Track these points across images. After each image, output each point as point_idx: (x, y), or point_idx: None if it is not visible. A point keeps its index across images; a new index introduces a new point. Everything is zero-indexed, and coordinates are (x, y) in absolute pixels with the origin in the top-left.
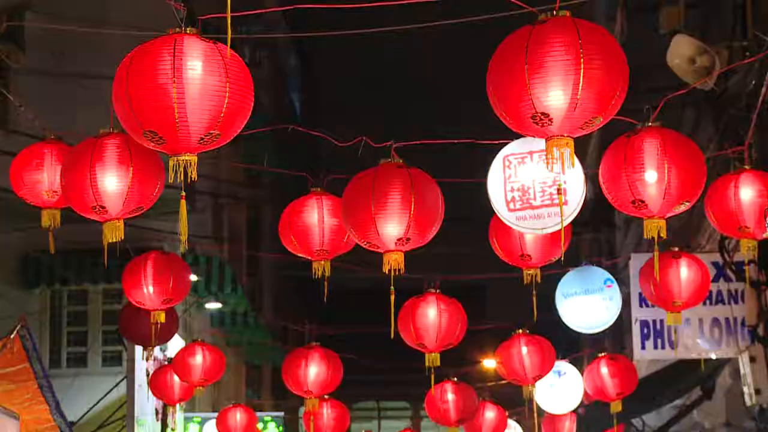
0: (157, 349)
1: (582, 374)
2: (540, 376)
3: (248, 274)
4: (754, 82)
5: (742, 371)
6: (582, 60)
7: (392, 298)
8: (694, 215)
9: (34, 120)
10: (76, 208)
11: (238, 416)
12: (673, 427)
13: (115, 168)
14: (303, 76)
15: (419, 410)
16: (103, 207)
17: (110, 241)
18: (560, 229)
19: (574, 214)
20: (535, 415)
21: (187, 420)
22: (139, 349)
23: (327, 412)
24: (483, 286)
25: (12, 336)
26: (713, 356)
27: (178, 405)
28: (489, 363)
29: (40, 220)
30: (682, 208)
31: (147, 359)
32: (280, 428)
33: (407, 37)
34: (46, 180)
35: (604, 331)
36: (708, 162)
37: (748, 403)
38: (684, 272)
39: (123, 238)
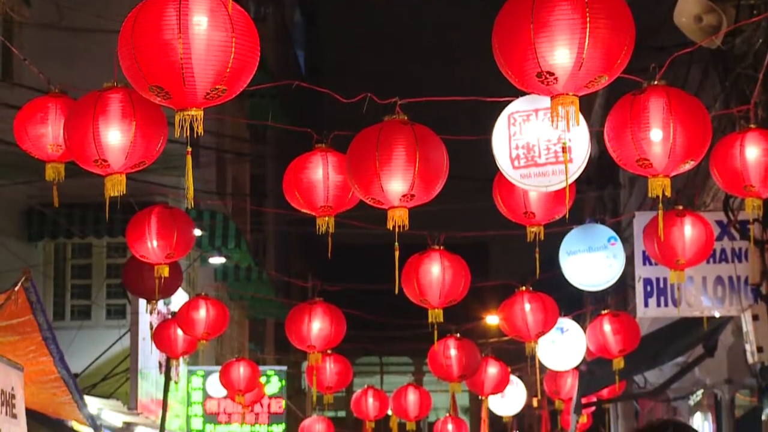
0: (160, 303)
1: (584, 331)
2: (542, 333)
3: (252, 230)
4: (761, 41)
5: (744, 329)
6: (588, 19)
7: (396, 254)
8: (699, 174)
9: (39, 73)
10: (78, 161)
11: (241, 370)
12: (675, 385)
13: (117, 122)
14: (308, 33)
15: (422, 366)
16: (105, 161)
17: (112, 194)
18: (564, 187)
19: (579, 172)
20: (538, 371)
21: (190, 373)
22: (142, 303)
23: (330, 367)
24: (486, 243)
25: (16, 289)
26: (716, 314)
27: (181, 358)
28: (492, 319)
29: (44, 173)
30: (687, 166)
31: (150, 313)
32: (283, 382)
33: None
34: (50, 133)
35: (607, 289)
36: (713, 121)
37: (750, 361)
38: (688, 230)
39: (125, 192)
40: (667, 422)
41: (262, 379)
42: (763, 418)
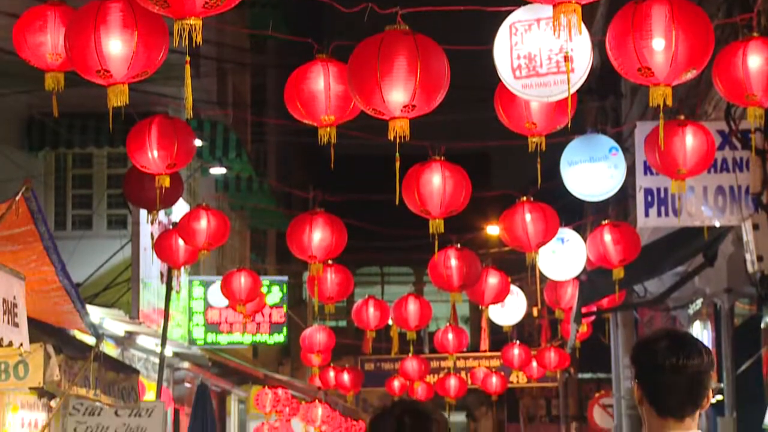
0: (161, 213)
1: (585, 241)
2: (543, 243)
3: (253, 140)
4: None
5: (744, 238)
6: None
7: (397, 164)
8: (701, 83)
9: None
10: (80, 71)
11: (242, 280)
12: (675, 294)
13: (119, 32)
14: None
15: (422, 276)
16: (107, 71)
17: (114, 105)
18: (566, 97)
19: (581, 82)
20: (538, 281)
21: (191, 283)
22: (143, 213)
23: (330, 277)
24: (488, 153)
25: (17, 198)
26: (716, 224)
27: (182, 268)
28: (492, 230)
29: (44, 82)
30: (689, 75)
31: (151, 223)
32: (284, 292)
33: None
34: (49, 42)
35: (607, 199)
36: (716, 30)
37: (750, 270)
38: (689, 140)
39: (127, 102)
40: (662, 332)
41: (263, 289)
42: (762, 326)
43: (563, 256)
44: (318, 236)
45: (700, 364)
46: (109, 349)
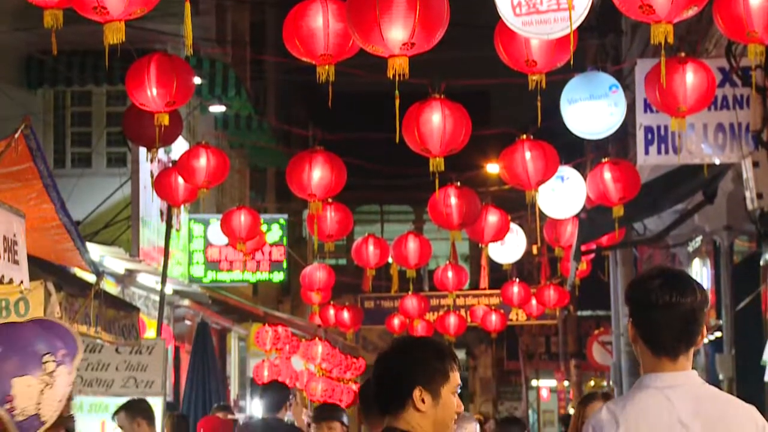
0: (161, 151)
1: (585, 179)
2: (543, 181)
3: (252, 78)
4: None
5: (744, 176)
6: None
7: (396, 102)
8: (702, 20)
9: None
10: (77, 8)
11: (242, 218)
12: (674, 231)
13: None
14: None
15: (422, 214)
16: (104, 8)
17: (111, 42)
18: (567, 35)
19: (581, 19)
20: (538, 219)
21: (191, 221)
22: (143, 151)
23: (330, 215)
24: (488, 91)
25: (16, 136)
26: (716, 161)
27: (182, 206)
28: (492, 168)
29: (43, 20)
30: (690, 12)
31: (151, 161)
32: (284, 230)
33: None
34: None
35: (607, 137)
36: None
37: (750, 207)
38: (689, 78)
39: (124, 39)
40: (655, 271)
41: (263, 228)
42: (761, 263)
43: (563, 194)
44: (317, 174)
45: (694, 302)
46: (110, 286)
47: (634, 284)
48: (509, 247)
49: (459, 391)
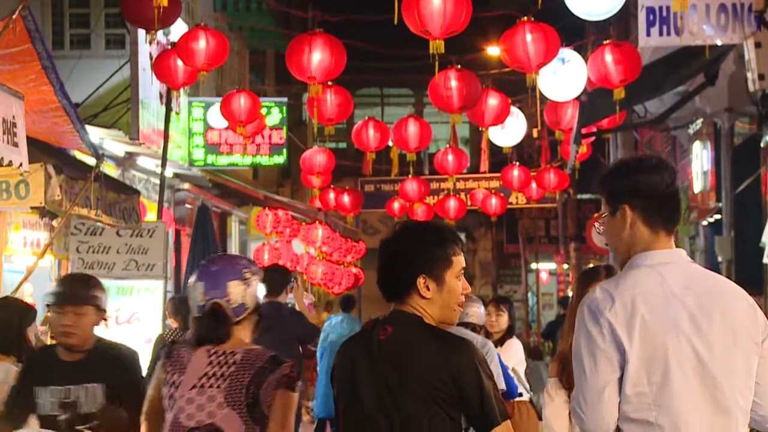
0: (159, 33)
1: (586, 61)
2: (544, 64)
3: None
4: None
5: (746, 57)
6: None
7: None
8: None
9: None
10: None
11: (241, 101)
12: (675, 114)
13: None
14: None
15: (422, 97)
16: None
17: None
18: None
19: None
20: (538, 102)
21: (191, 104)
22: (142, 33)
23: (330, 98)
24: None
25: (14, 17)
26: (718, 42)
27: (181, 89)
28: (493, 50)
29: None
30: None
31: (150, 43)
32: (284, 114)
33: None
34: None
35: (609, 18)
36: None
37: (751, 88)
38: None
39: None
40: (647, 159)
41: (263, 111)
42: (762, 145)
43: (564, 77)
44: (317, 57)
45: (678, 186)
46: (110, 169)
47: (637, 173)
48: (509, 131)
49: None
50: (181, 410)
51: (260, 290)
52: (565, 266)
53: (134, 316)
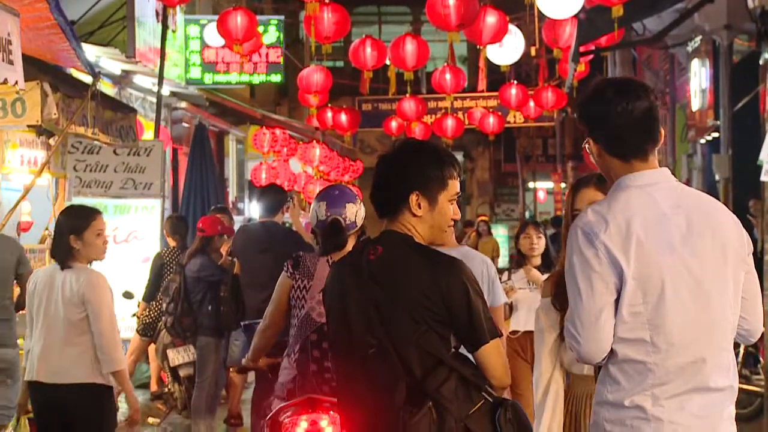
0: None
1: None
2: None
3: None
4: None
5: None
6: None
7: None
8: None
9: None
10: None
11: (238, 19)
12: (674, 31)
13: None
14: None
15: (420, 15)
16: None
17: None
18: None
19: None
20: (536, 19)
21: (187, 22)
22: None
23: (327, 17)
24: None
25: None
26: None
27: (178, 7)
28: None
29: None
30: None
31: None
32: (281, 32)
33: None
34: None
35: None
36: None
37: (750, 5)
38: None
39: None
40: (603, 83)
41: (260, 29)
42: (761, 63)
43: None
44: None
45: (649, 102)
46: (106, 87)
47: (587, 101)
48: (507, 49)
49: (458, 198)
50: (312, 309)
51: (363, 212)
52: (563, 185)
53: (132, 234)
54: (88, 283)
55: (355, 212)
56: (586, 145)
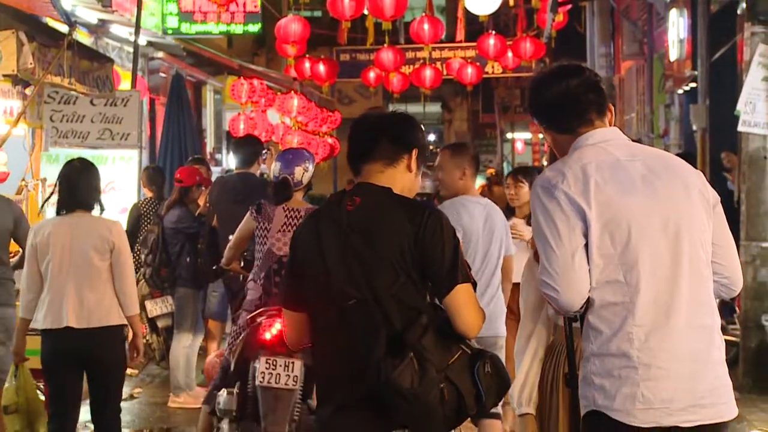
0: None
1: None
2: None
3: None
4: None
5: None
6: None
7: None
8: None
9: None
10: None
11: None
12: None
13: None
14: None
15: None
16: None
17: None
18: None
19: None
20: None
21: None
22: None
23: None
24: None
25: None
26: None
27: None
28: None
29: None
30: None
31: None
32: None
33: None
34: None
35: None
36: None
37: None
38: None
39: None
40: (542, 73)
41: None
42: (739, 12)
43: None
44: None
45: (585, 77)
46: (83, 37)
47: (531, 99)
48: None
49: (424, 170)
50: (272, 245)
51: (311, 173)
52: (541, 136)
53: (110, 185)
54: (119, 233)
55: (302, 173)
56: (545, 140)
